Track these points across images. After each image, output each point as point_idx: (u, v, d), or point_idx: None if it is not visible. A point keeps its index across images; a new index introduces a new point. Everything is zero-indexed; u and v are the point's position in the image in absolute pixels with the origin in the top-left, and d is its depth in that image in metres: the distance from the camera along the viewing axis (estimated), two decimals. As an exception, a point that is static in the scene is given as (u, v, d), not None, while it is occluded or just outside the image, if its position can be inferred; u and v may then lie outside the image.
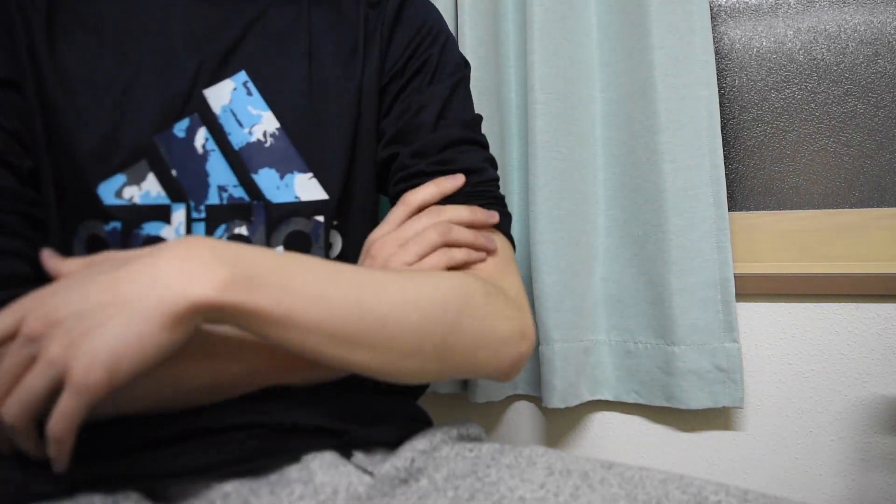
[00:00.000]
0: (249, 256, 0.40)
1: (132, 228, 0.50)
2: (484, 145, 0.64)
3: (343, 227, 0.58)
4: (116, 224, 0.50)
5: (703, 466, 0.93)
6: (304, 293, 0.41)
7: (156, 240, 0.51)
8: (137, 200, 0.50)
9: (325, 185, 0.56)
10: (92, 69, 0.51)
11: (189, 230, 0.52)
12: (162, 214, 0.51)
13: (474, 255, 0.55)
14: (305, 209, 0.55)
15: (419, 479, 0.48)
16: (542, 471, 0.47)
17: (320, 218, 0.56)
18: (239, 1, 0.58)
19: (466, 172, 0.59)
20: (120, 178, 0.50)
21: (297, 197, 0.55)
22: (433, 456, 0.50)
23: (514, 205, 0.98)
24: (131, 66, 0.52)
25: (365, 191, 0.60)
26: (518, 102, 0.98)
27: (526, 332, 0.55)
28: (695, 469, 0.93)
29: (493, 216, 0.58)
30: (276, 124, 0.55)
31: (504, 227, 0.60)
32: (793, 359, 0.90)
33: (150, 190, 0.51)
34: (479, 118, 0.65)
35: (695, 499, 0.43)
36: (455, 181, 0.57)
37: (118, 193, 0.50)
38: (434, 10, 0.67)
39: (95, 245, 0.50)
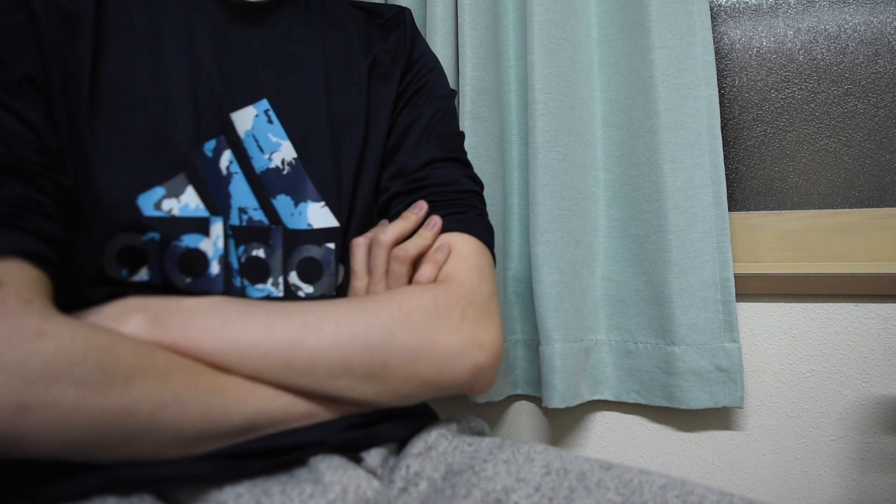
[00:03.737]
0: (165, 304, 0.46)
1: (171, 240, 0.50)
2: (464, 163, 0.64)
3: (343, 257, 0.59)
4: (155, 235, 0.50)
5: (703, 466, 0.93)
6: (206, 326, 0.46)
7: (195, 252, 0.51)
8: (176, 213, 0.51)
9: (337, 212, 0.58)
10: (130, 82, 0.52)
11: (226, 244, 0.52)
12: (201, 227, 0.51)
13: (440, 256, 0.56)
14: (317, 236, 0.57)
15: (418, 484, 0.49)
16: (538, 469, 0.47)
17: (332, 245, 0.58)
18: (259, 24, 0.59)
19: (438, 185, 0.60)
20: (159, 191, 0.50)
21: (309, 224, 0.56)
22: (429, 455, 0.51)
23: (514, 205, 0.98)
24: (163, 81, 0.53)
25: (361, 219, 0.61)
26: (518, 102, 0.98)
27: (483, 342, 0.53)
28: (695, 469, 0.93)
29: (421, 207, 0.58)
30: (294, 154, 0.57)
31: (480, 234, 0.60)
32: (793, 359, 0.90)
33: (188, 203, 0.51)
34: (462, 136, 0.67)
35: None
36: (419, 212, 0.59)
37: (157, 205, 0.50)
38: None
39: (131, 256, 0.50)
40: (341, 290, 0.59)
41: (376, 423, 0.52)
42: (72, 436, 0.39)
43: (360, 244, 0.58)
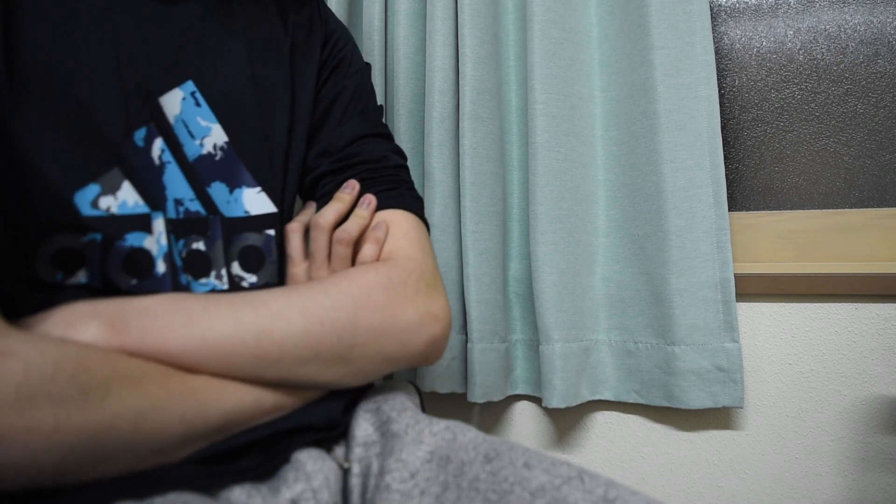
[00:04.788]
0: (119, 306, 0.43)
1: (115, 240, 0.47)
2: (387, 136, 0.65)
3: (282, 242, 0.58)
4: (96, 236, 0.46)
5: (703, 466, 0.93)
6: (169, 326, 0.43)
7: (140, 252, 0.48)
8: (115, 211, 0.47)
9: (273, 197, 0.56)
10: (49, 65, 0.46)
11: (169, 240, 0.50)
12: (143, 224, 0.48)
13: (380, 234, 0.56)
14: (256, 223, 0.55)
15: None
16: (422, 454, 0.48)
17: (271, 231, 0.56)
18: (177, 0, 0.54)
19: (367, 162, 0.60)
20: (94, 188, 0.46)
21: (246, 211, 0.55)
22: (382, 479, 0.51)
23: (514, 205, 0.98)
24: (85, 63, 0.47)
25: (293, 200, 0.60)
26: (518, 102, 0.98)
27: (437, 314, 0.53)
28: (695, 469, 0.93)
29: (354, 186, 0.58)
30: (225, 138, 0.54)
31: (414, 208, 0.61)
32: (793, 359, 0.90)
33: (126, 199, 0.47)
34: (381, 109, 0.66)
35: None
36: (353, 191, 0.58)
37: (94, 204, 0.46)
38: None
39: (68, 259, 0.45)
40: (282, 277, 0.58)
41: (343, 414, 0.52)
42: (54, 459, 0.36)
43: (295, 230, 0.57)
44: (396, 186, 0.60)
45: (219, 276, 0.53)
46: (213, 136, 0.54)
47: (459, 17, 0.91)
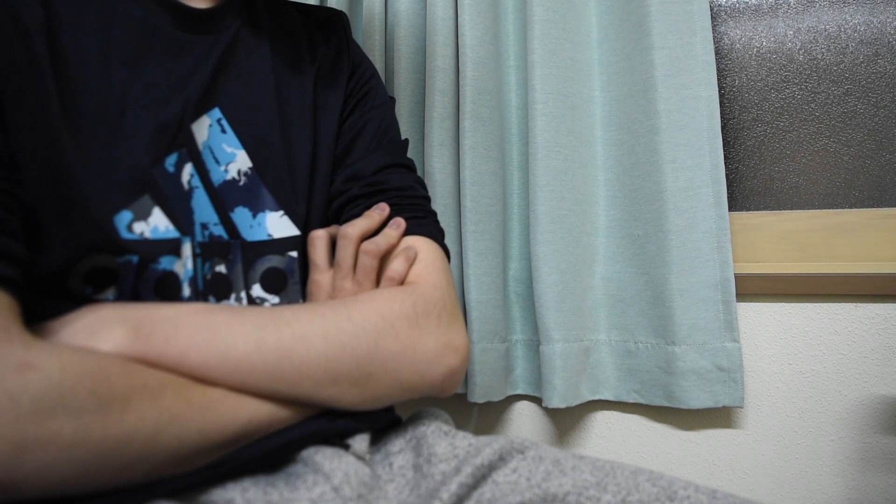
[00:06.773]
0: (144, 314, 0.44)
1: (149, 262, 0.48)
2: (412, 168, 0.67)
3: (306, 264, 0.59)
4: (132, 257, 0.47)
5: (704, 466, 0.93)
6: (192, 339, 0.44)
7: (170, 275, 0.49)
8: (149, 235, 0.48)
9: (296, 220, 0.58)
10: (86, 93, 0.48)
11: (195, 264, 0.51)
12: (174, 248, 0.50)
13: (411, 254, 0.58)
14: (279, 246, 0.57)
15: (406, 475, 0.52)
16: (515, 455, 0.51)
17: (294, 253, 0.57)
18: (207, 31, 0.56)
19: (397, 189, 0.62)
20: (127, 214, 0.48)
21: (269, 235, 0.56)
22: (420, 447, 0.53)
23: (514, 205, 0.98)
24: (118, 92, 0.49)
25: (319, 224, 0.61)
26: (518, 102, 0.98)
27: (457, 346, 0.55)
28: (695, 468, 0.93)
29: (384, 208, 0.60)
30: (249, 163, 0.56)
31: (439, 240, 0.62)
32: (793, 359, 0.90)
33: (158, 225, 0.49)
34: (406, 143, 0.69)
35: (665, 492, 0.45)
36: (382, 213, 0.60)
37: (129, 228, 0.48)
38: None
39: (101, 276, 0.47)
40: (306, 297, 0.58)
41: (348, 415, 0.53)
42: (71, 471, 0.37)
43: (319, 236, 0.58)
44: (424, 216, 0.62)
45: (238, 299, 0.54)
46: (238, 163, 0.56)
47: (459, 17, 0.92)
